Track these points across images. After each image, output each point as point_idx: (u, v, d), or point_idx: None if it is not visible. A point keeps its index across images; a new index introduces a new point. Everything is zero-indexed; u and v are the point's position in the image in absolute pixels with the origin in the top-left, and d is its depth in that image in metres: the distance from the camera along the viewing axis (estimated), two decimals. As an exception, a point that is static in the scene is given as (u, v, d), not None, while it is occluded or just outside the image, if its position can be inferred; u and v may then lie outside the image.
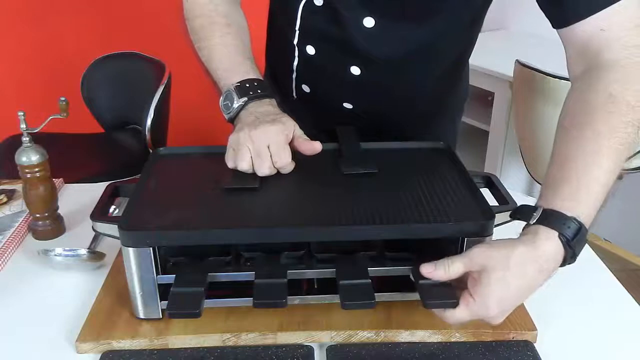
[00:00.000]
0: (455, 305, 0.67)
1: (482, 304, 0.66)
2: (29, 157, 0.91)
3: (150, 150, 1.90)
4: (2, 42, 2.50)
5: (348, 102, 1.02)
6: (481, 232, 0.73)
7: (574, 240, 0.67)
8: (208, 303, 0.72)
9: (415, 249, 0.76)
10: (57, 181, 1.09)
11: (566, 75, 0.85)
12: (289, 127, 0.83)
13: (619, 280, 0.88)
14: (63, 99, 0.92)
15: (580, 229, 0.67)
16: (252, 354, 0.73)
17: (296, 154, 0.84)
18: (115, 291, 0.81)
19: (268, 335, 0.74)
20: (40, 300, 0.83)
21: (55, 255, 0.89)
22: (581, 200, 0.69)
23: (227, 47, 0.92)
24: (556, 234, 0.66)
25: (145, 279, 0.73)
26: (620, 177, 1.94)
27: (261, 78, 0.90)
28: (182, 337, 0.73)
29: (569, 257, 0.68)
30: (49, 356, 0.73)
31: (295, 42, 0.98)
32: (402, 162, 0.90)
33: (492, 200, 0.82)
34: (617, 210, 2.51)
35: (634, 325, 0.80)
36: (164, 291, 0.73)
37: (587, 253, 0.95)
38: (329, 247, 0.76)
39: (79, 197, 1.08)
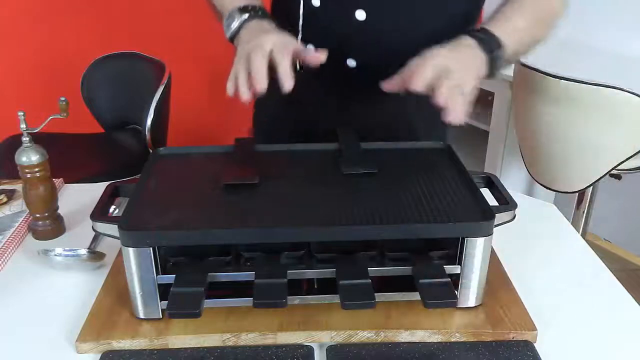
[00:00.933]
0: (455, 304, 0.67)
1: (435, 55, 0.80)
2: (29, 157, 0.92)
3: (150, 150, 1.90)
4: (3, 42, 2.50)
5: (352, 58, 1.02)
6: (481, 232, 0.73)
7: (487, 42, 0.86)
8: (208, 303, 0.72)
9: (415, 249, 0.76)
10: (57, 181, 1.09)
11: (566, 75, 0.86)
12: (293, 40, 0.85)
13: (619, 280, 0.88)
14: (63, 99, 0.92)
15: (490, 35, 0.87)
16: (252, 354, 0.73)
17: (297, 156, 0.84)
18: (115, 291, 0.81)
19: (268, 335, 0.74)
20: (40, 300, 0.83)
21: (55, 255, 0.89)
22: (505, 28, 0.89)
23: None
24: (475, 40, 0.85)
25: (145, 279, 0.73)
26: (619, 177, 1.94)
27: (262, 6, 0.94)
28: (182, 337, 0.73)
29: (491, 59, 0.85)
30: (49, 356, 0.73)
31: None
32: (402, 162, 0.90)
33: (492, 200, 0.82)
34: (617, 210, 2.51)
35: (634, 325, 0.80)
36: (164, 291, 0.73)
37: (587, 253, 0.95)
38: (329, 247, 0.76)
39: (79, 197, 1.08)
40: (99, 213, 0.78)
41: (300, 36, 1.01)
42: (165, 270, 0.74)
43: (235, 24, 0.90)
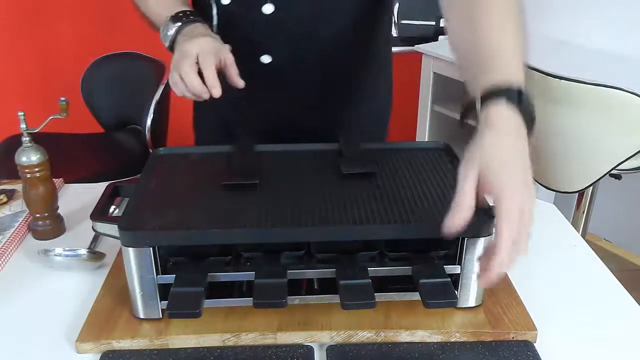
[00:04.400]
0: (455, 304, 0.67)
1: (511, 190, 0.64)
2: (29, 157, 0.91)
3: (150, 150, 1.90)
4: (3, 42, 2.50)
5: (266, 54, 1.02)
6: (481, 232, 0.73)
7: (520, 99, 0.68)
8: (208, 303, 0.72)
9: (415, 249, 0.76)
10: (57, 181, 1.09)
11: (566, 75, 0.85)
12: (222, 46, 0.88)
13: (619, 280, 0.88)
14: (63, 99, 0.92)
15: (521, 91, 0.69)
16: (252, 354, 0.73)
17: (297, 156, 0.84)
18: (115, 291, 0.80)
19: (268, 335, 0.74)
20: (40, 300, 0.83)
21: (55, 255, 0.89)
22: (507, 66, 0.72)
23: None
24: (504, 100, 0.68)
25: (145, 279, 0.73)
26: (619, 177, 1.94)
27: (194, 10, 0.96)
28: (182, 337, 0.73)
29: (528, 118, 0.69)
30: (49, 356, 0.73)
31: None
32: (402, 162, 0.90)
33: (492, 201, 0.82)
34: (617, 210, 2.51)
35: (634, 325, 0.80)
36: (164, 291, 0.73)
37: (587, 253, 0.95)
38: (329, 247, 0.76)
39: (79, 197, 1.08)
40: (99, 213, 0.78)
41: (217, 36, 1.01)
42: (165, 270, 0.74)
43: (171, 32, 0.92)
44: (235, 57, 0.89)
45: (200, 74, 0.85)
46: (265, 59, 1.02)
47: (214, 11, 1.00)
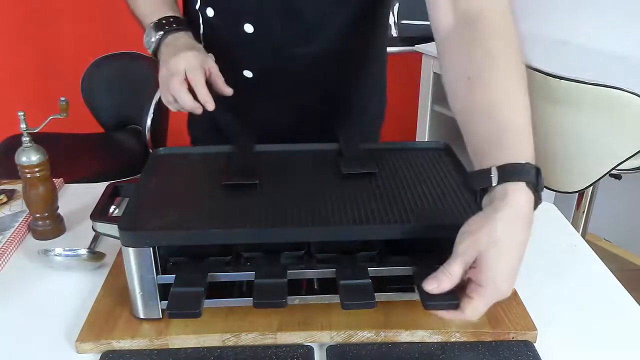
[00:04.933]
0: (456, 306, 0.67)
1: (493, 286, 0.64)
2: (29, 157, 0.91)
3: (150, 150, 1.90)
4: (3, 42, 2.50)
5: (247, 70, 1.02)
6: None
7: (538, 182, 0.66)
8: (208, 303, 0.72)
9: (415, 248, 0.76)
10: (57, 181, 1.09)
11: (566, 75, 0.85)
12: (206, 57, 0.89)
13: (619, 280, 0.88)
14: (63, 99, 0.92)
15: (538, 169, 0.67)
16: (252, 354, 0.73)
17: (297, 156, 0.84)
18: (115, 291, 0.80)
19: (268, 335, 0.74)
20: (40, 300, 0.83)
21: (55, 255, 0.89)
22: (523, 143, 0.69)
23: None
24: (523, 184, 0.66)
25: (145, 279, 0.73)
26: (619, 177, 1.94)
27: (179, 16, 0.96)
28: (182, 337, 0.73)
29: (538, 199, 0.67)
30: (49, 356, 0.73)
31: (197, 6, 1.00)
32: (402, 162, 0.90)
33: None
34: (617, 210, 2.51)
35: (634, 325, 0.80)
36: (164, 291, 0.73)
37: (587, 253, 0.95)
38: (328, 247, 0.76)
39: (79, 197, 1.08)
40: (99, 213, 0.78)
41: (202, 45, 1.01)
42: (165, 270, 0.74)
43: (152, 41, 0.93)
44: (220, 67, 0.90)
45: (190, 88, 0.86)
46: (247, 73, 1.03)
47: (200, 20, 1.01)
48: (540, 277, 0.87)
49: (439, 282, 0.66)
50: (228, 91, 0.90)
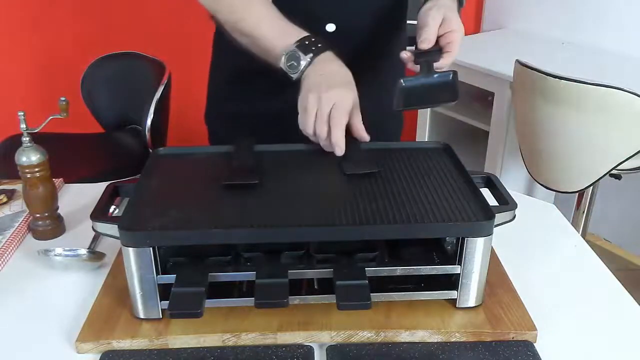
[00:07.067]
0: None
1: (458, 26, 0.93)
2: (29, 157, 0.92)
3: (150, 150, 1.90)
4: (3, 42, 2.50)
5: (331, 22, 1.02)
6: (481, 232, 0.73)
7: None
8: (208, 303, 0.72)
9: (415, 248, 0.76)
10: (57, 181, 1.09)
11: (566, 75, 0.86)
12: (356, 98, 0.89)
13: (619, 280, 0.88)
14: (63, 99, 0.92)
15: None
16: (252, 354, 0.73)
17: (297, 156, 0.84)
18: (115, 291, 0.81)
19: (268, 335, 0.74)
20: (40, 300, 0.83)
21: (55, 255, 0.89)
22: None
23: (269, 10, 0.94)
24: None
25: (145, 279, 0.73)
26: (619, 177, 1.94)
27: (313, 34, 0.92)
28: (182, 337, 0.73)
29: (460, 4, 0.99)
30: (49, 356, 0.73)
31: None
32: (403, 162, 0.90)
33: (492, 200, 0.82)
34: (617, 210, 2.51)
35: (634, 325, 0.80)
36: (164, 291, 0.73)
37: (587, 253, 0.95)
38: (328, 247, 0.76)
39: (79, 197, 1.08)
40: (99, 213, 0.78)
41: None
42: (165, 270, 0.74)
43: (302, 64, 0.88)
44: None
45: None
46: (330, 27, 1.03)
47: None
48: (540, 277, 0.87)
49: (429, 35, 0.94)
50: (366, 137, 0.90)
